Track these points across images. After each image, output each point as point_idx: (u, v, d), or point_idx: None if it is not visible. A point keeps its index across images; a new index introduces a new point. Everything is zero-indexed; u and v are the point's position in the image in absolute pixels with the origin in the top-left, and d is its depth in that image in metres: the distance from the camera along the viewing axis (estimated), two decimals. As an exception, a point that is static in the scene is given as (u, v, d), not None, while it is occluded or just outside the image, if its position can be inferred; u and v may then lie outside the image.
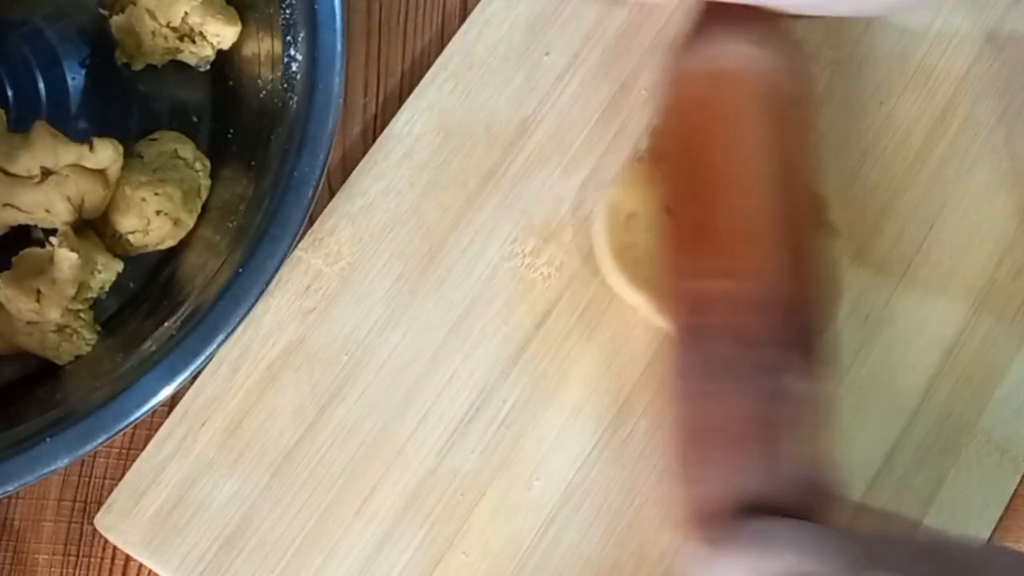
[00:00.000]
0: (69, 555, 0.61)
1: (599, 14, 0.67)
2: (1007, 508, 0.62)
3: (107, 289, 0.61)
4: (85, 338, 0.60)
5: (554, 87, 0.66)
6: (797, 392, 0.55)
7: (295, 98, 0.61)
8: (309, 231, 0.63)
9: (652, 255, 0.62)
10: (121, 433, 0.56)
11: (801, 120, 0.60)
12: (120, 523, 0.59)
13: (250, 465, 0.60)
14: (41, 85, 0.64)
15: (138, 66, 0.64)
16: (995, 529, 0.61)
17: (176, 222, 0.61)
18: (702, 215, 0.58)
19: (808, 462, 0.54)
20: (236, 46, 0.64)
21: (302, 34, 0.61)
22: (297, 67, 0.61)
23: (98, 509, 0.60)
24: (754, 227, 0.57)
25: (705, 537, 0.53)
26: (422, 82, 0.65)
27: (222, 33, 0.63)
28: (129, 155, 0.61)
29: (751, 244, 0.57)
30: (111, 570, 0.61)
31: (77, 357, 0.60)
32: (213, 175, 0.63)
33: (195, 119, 0.65)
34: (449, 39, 0.66)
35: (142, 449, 0.60)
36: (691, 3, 0.61)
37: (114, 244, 0.61)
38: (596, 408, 0.62)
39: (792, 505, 0.53)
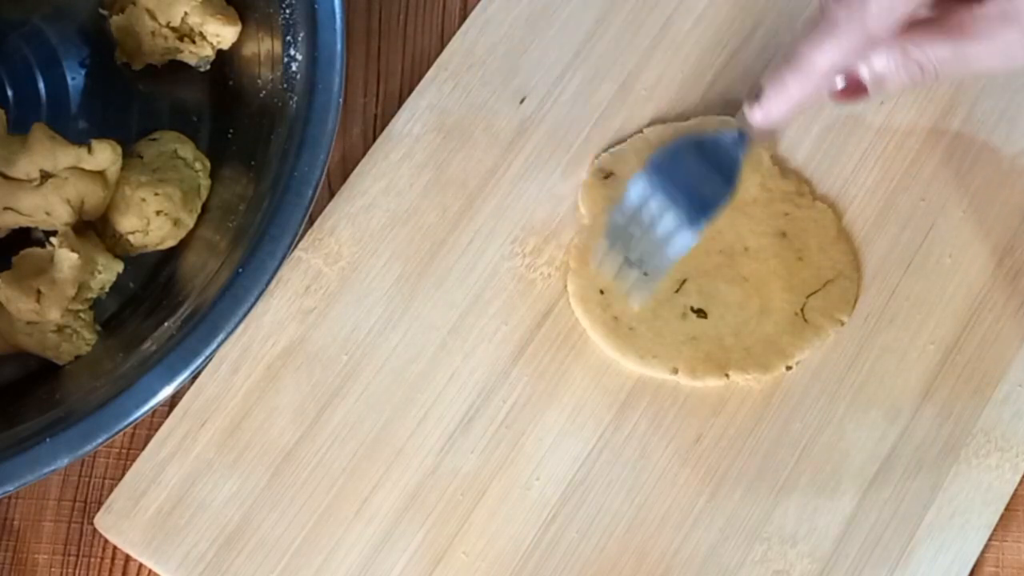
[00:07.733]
0: (69, 555, 0.61)
1: (599, 14, 0.67)
2: (1007, 508, 0.62)
3: (107, 289, 0.61)
4: (85, 338, 0.60)
5: (554, 87, 0.66)
6: None
7: (295, 98, 0.61)
8: (309, 231, 0.63)
9: (642, 317, 0.62)
10: (121, 433, 0.56)
11: None
12: (120, 523, 0.59)
13: (250, 465, 0.60)
14: (41, 85, 0.64)
15: (138, 66, 0.64)
16: (995, 529, 0.61)
17: (176, 222, 0.61)
18: None
19: None
20: (236, 46, 0.64)
21: (302, 34, 0.61)
22: (297, 67, 0.61)
23: (98, 509, 0.60)
24: None
25: None
26: (422, 82, 0.65)
27: (222, 33, 0.63)
28: (129, 155, 0.61)
29: None
30: (111, 570, 0.61)
31: (77, 357, 0.60)
32: (213, 175, 0.63)
33: (195, 119, 0.65)
34: (449, 39, 0.66)
35: (142, 449, 0.60)
36: None
37: (114, 244, 0.61)
38: (596, 408, 0.62)
39: None
